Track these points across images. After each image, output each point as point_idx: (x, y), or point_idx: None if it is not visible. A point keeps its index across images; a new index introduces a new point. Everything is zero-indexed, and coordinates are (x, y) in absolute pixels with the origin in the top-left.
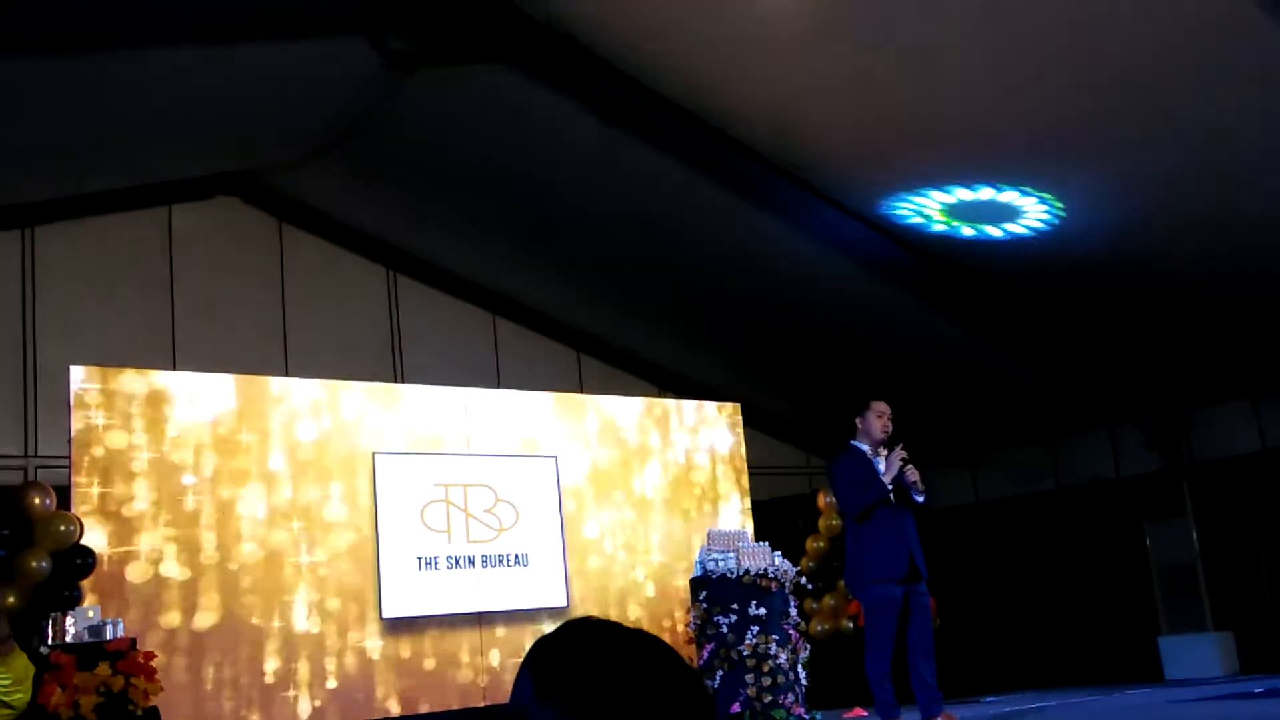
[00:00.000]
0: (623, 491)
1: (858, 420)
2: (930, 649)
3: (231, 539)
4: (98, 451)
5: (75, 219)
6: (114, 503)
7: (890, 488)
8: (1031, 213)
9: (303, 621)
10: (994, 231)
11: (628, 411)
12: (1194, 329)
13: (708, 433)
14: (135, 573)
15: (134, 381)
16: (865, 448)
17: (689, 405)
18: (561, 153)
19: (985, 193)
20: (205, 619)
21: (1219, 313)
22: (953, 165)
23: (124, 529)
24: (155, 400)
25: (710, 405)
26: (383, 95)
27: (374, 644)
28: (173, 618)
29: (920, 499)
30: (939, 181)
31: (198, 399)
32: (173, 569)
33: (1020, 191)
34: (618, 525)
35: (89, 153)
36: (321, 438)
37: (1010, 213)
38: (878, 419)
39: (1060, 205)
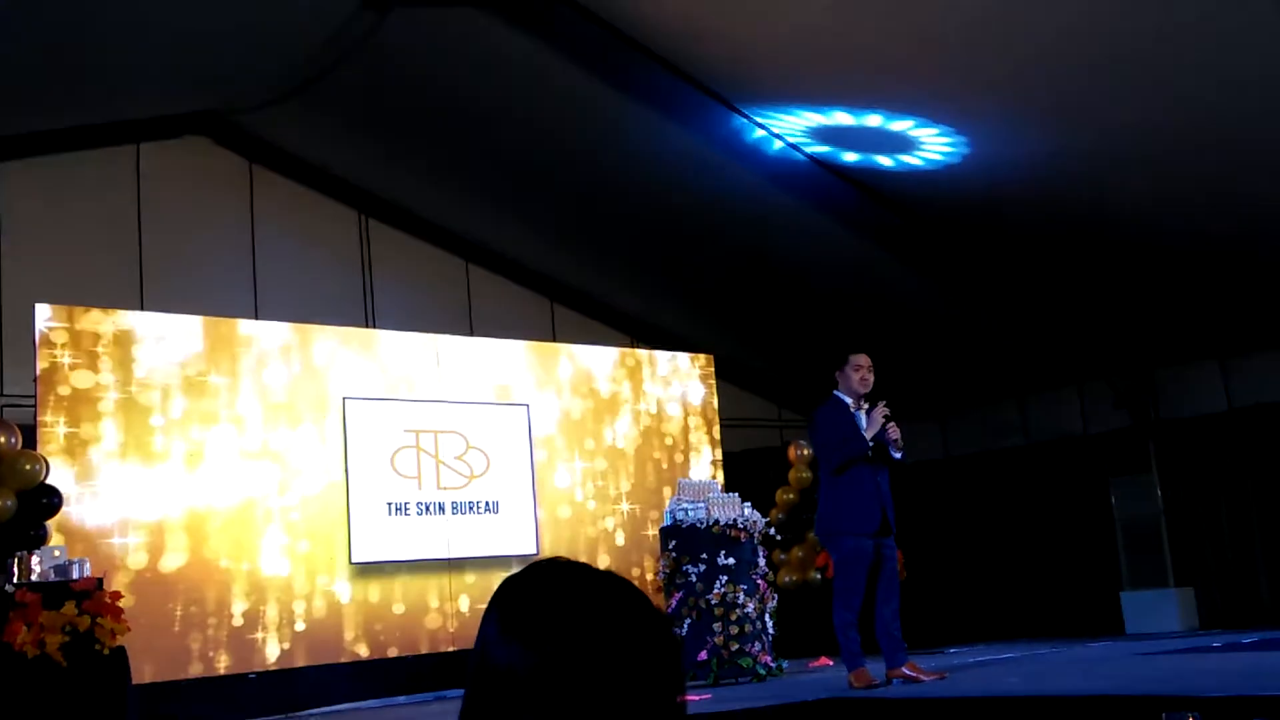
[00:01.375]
0: (594, 440)
1: (837, 373)
2: (896, 601)
3: (200, 482)
4: (64, 391)
5: (42, 155)
6: (80, 442)
7: (870, 444)
8: (930, 145)
9: (272, 565)
10: (884, 161)
11: (600, 361)
12: (1164, 288)
13: (680, 384)
14: (102, 513)
15: (101, 321)
16: (847, 400)
17: (662, 356)
18: (536, 97)
19: (902, 124)
20: (173, 560)
21: (1189, 272)
22: (873, 90)
23: (91, 469)
24: (122, 340)
25: (683, 356)
26: (356, 36)
27: (343, 588)
28: (140, 559)
29: (898, 456)
30: (852, 105)
31: (166, 340)
32: (140, 511)
33: (940, 129)
34: (589, 474)
35: (57, 89)
36: (291, 381)
37: (906, 144)
38: (855, 371)
39: (963, 139)
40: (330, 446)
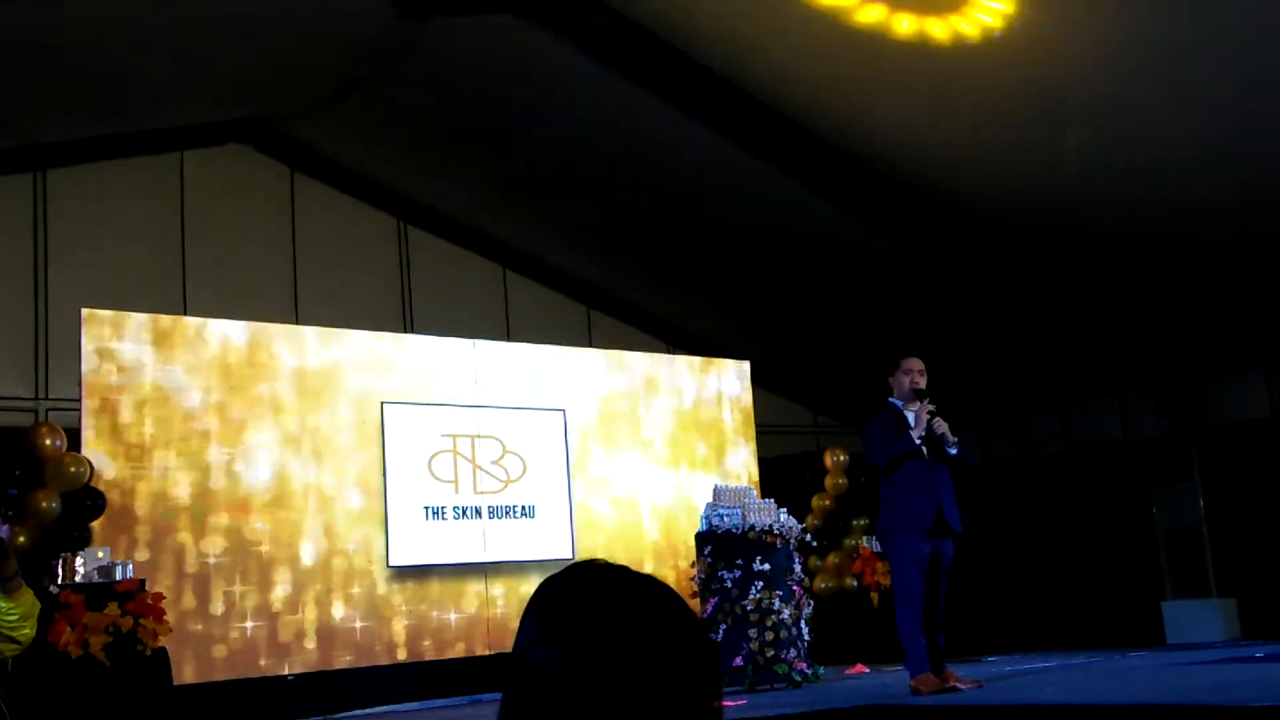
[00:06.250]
0: (630, 446)
1: (890, 379)
2: (941, 608)
3: (239, 487)
4: (108, 395)
5: (87, 163)
6: (123, 448)
7: (920, 441)
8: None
9: (310, 568)
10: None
11: (637, 367)
12: (1206, 294)
13: (716, 390)
14: (144, 523)
15: (144, 326)
16: (900, 404)
17: (698, 362)
18: (573, 104)
19: None
20: (215, 567)
21: (1231, 279)
22: None
23: (133, 476)
24: (165, 345)
25: (719, 362)
26: (396, 44)
27: (381, 592)
28: (182, 567)
29: (953, 451)
30: None
31: (208, 345)
32: (181, 521)
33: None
34: (625, 479)
35: (102, 97)
36: (330, 386)
37: None
38: (906, 375)
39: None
40: (368, 451)
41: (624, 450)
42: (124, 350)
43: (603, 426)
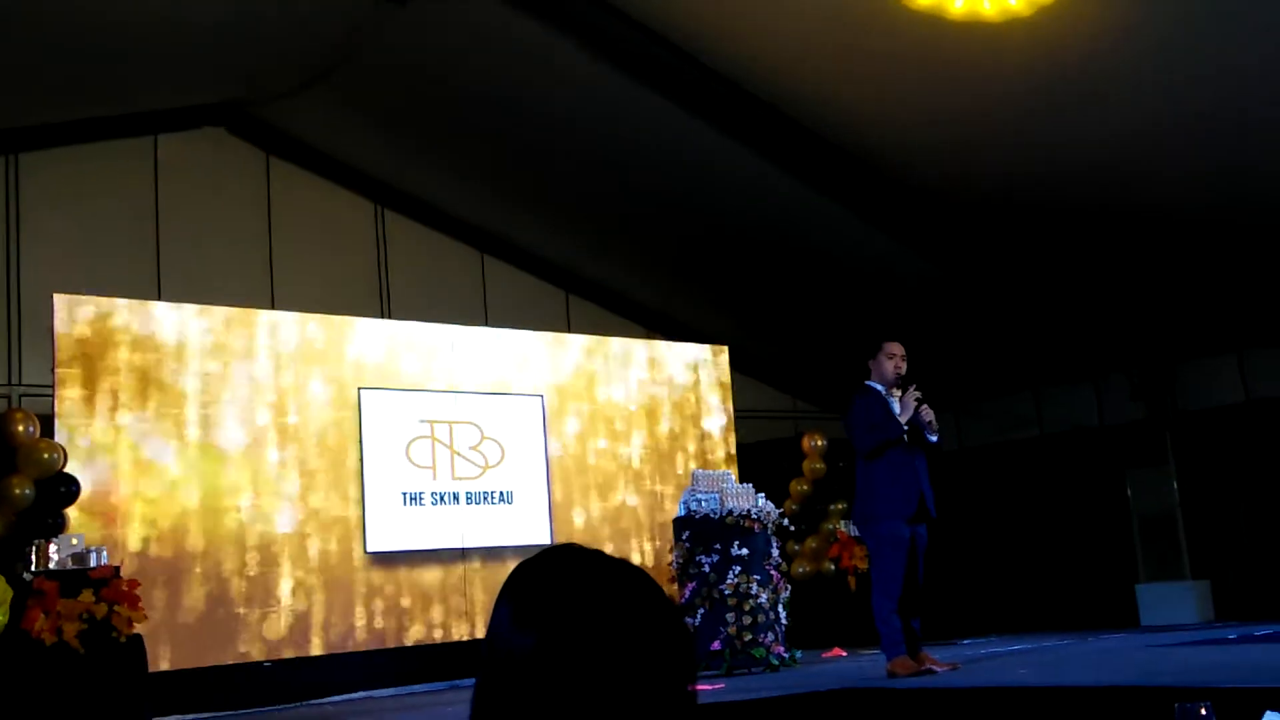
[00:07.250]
0: (608, 431)
1: (870, 362)
2: (919, 593)
3: (216, 472)
4: (81, 380)
5: (61, 146)
6: (97, 432)
7: (905, 428)
8: None
9: (287, 555)
10: None
11: (616, 352)
12: (1181, 279)
13: (695, 375)
14: (118, 503)
15: (119, 311)
16: (880, 388)
17: (677, 347)
18: (553, 88)
19: None
20: (188, 549)
21: (1206, 264)
22: None
23: (106, 458)
24: (140, 330)
25: (698, 348)
26: (374, 27)
27: (358, 578)
28: (156, 548)
29: (934, 439)
30: None
31: (183, 330)
32: (155, 503)
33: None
34: (603, 464)
35: (75, 79)
36: (307, 372)
37: None
38: (889, 360)
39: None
40: (346, 437)
41: (602, 434)
42: (97, 336)
43: (581, 411)
